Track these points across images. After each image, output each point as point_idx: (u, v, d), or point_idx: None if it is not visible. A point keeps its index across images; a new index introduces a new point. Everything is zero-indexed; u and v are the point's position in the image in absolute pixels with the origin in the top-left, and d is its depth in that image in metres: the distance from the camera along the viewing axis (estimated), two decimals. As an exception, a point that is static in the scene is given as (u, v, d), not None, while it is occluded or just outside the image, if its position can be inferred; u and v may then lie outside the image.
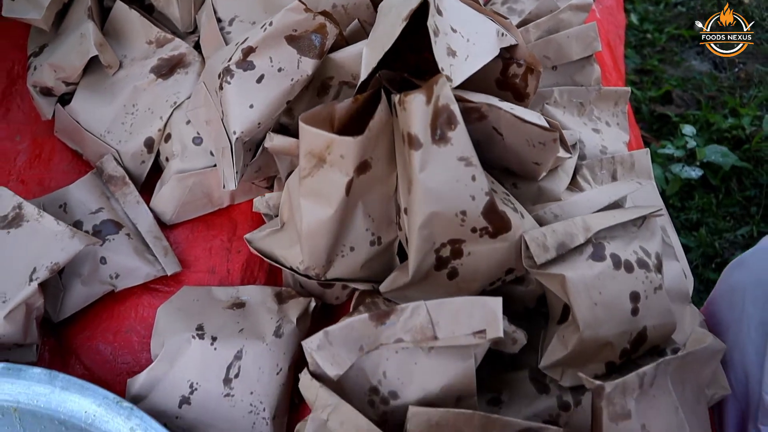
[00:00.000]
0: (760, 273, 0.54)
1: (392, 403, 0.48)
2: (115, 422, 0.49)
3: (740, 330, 0.56)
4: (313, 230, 0.48)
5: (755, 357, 0.55)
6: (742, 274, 0.57)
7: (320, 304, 0.57)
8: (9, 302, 0.53)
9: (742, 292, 0.56)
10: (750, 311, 0.55)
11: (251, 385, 0.52)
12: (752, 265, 0.56)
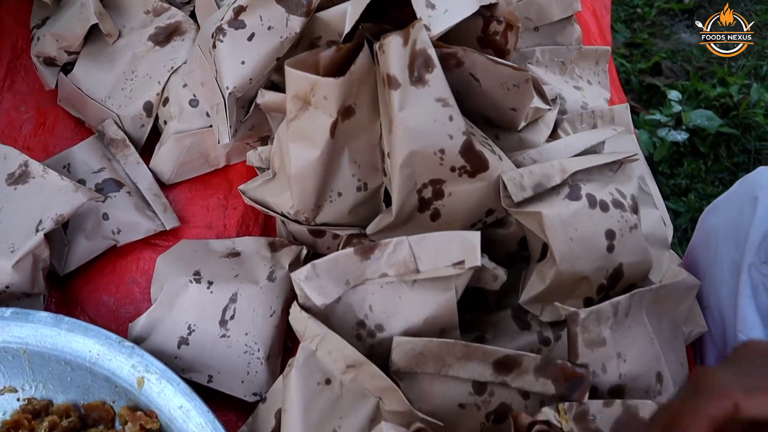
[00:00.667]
0: (732, 215, 0.56)
1: (378, 336, 0.50)
2: (118, 360, 0.52)
3: (715, 272, 0.58)
4: (301, 172, 0.51)
5: (729, 298, 0.57)
6: (715, 218, 0.59)
7: (311, 252, 0.59)
8: (17, 252, 0.56)
9: (716, 236, 0.58)
10: (723, 253, 0.57)
11: (246, 327, 0.54)
12: (724, 209, 0.58)
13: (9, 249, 0.56)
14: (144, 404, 0.52)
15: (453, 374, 0.49)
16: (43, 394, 0.55)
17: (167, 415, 0.51)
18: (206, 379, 0.53)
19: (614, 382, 0.49)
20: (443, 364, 0.48)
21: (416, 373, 0.49)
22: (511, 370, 0.48)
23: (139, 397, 0.52)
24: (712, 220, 0.59)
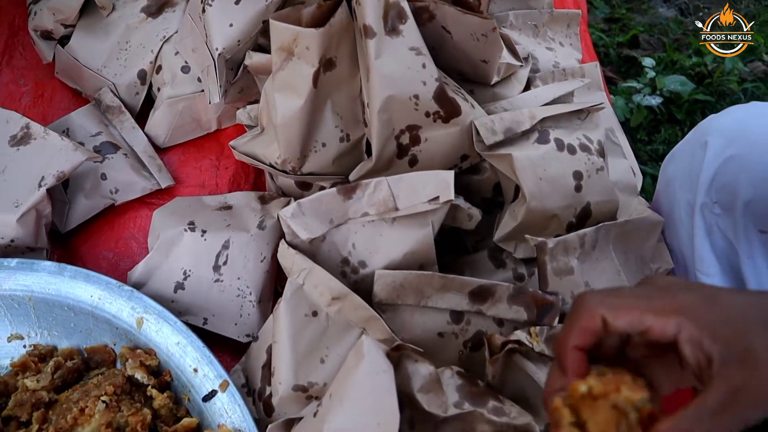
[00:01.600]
0: (686, 161, 0.59)
1: (362, 272, 0.53)
2: (118, 303, 0.56)
3: (674, 216, 0.61)
4: (287, 121, 0.54)
5: (688, 239, 0.60)
6: (672, 166, 0.62)
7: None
8: (21, 207, 0.59)
9: (674, 182, 0.61)
10: (680, 197, 0.60)
11: (238, 272, 0.58)
12: (680, 156, 0.61)
13: (14, 204, 0.60)
14: (143, 343, 0.55)
15: (432, 305, 0.52)
16: (48, 341, 0.58)
17: (165, 351, 0.54)
18: (202, 321, 0.57)
19: (582, 308, 0.52)
20: (422, 295, 0.52)
21: (397, 305, 0.52)
22: (486, 299, 0.52)
23: (138, 337, 0.55)
24: (670, 167, 0.62)
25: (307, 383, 0.50)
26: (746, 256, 0.55)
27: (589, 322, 0.35)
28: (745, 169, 0.55)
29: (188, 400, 0.54)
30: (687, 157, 0.59)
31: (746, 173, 0.55)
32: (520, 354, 0.49)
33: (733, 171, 0.55)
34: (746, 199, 0.54)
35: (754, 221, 0.54)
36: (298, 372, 0.50)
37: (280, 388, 0.50)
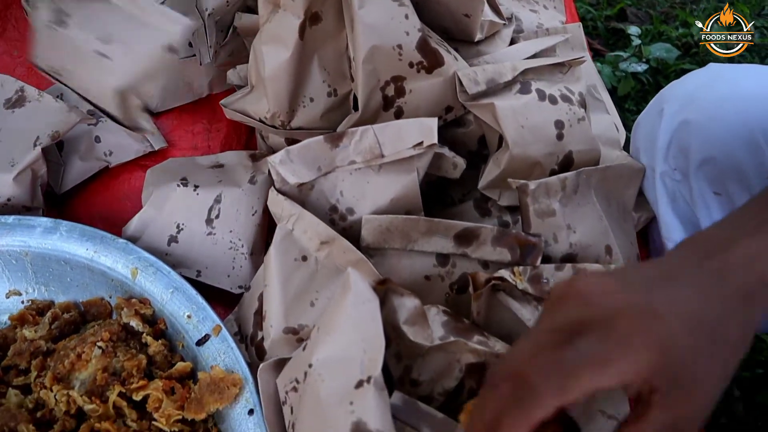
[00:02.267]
0: (647, 129, 0.60)
1: (349, 219, 0.55)
2: (113, 256, 0.57)
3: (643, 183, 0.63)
4: (275, 73, 0.55)
5: (654, 206, 0.62)
6: (637, 133, 0.63)
7: (289, 161, 0.64)
8: (17, 166, 0.60)
9: (639, 150, 0.62)
10: (645, 162, 0.61)
11: (230, 225, 0.59)
12: (643, 124, 0.62)
13: (9, 164, 0.61)
14: (138, 293, 0.56)
15: (418, 248, 0.53)
16: (45, 296, 0.60)
17: (159, 300, 0.55)
18: (195, 273, 0.58)
19: (565, 251, 0.54)
20: (409, 239, 0.53)
21: (384, 249, 0.53)
22: (470, 242, 0.53)
23: (133, 288, 0.56)
24: (636, 135, 0.63)
25: (298, 326, 0.52)
26: (705, 220, 0.56)
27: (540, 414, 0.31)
28: (695, 133, 0.56)
29: (182, 346, 0.55)
30: (648, 125, 0.60)
31: (696, 137, 0.55)
32: (504, 292, 0.51)
33: (685, 136, 0.56)
34: (698, 162, 0.55)
35: (708, 184, 0.55)
36: (289, 315, 0.52)
37: (272, 331, 0.52)
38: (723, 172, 0.54)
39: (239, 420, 0.50)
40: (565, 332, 0.33)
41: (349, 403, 0.42)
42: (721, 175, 0.54)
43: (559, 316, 0.34)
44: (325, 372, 0.44)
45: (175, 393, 0.51)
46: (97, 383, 0.51)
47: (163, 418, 0.50)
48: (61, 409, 0.51)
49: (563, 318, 0.34)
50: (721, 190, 0.54)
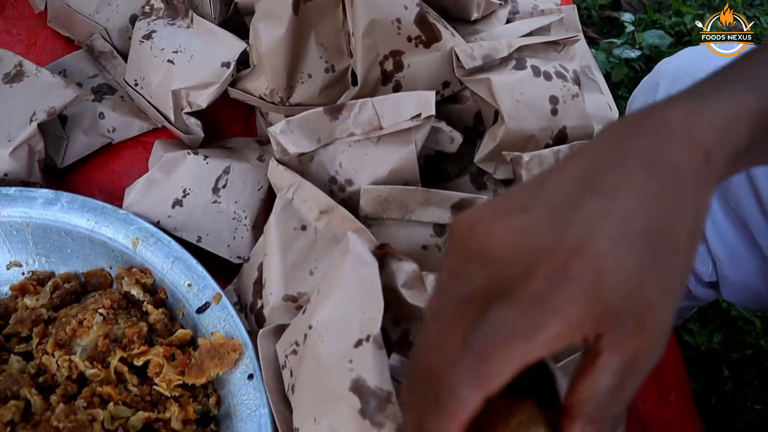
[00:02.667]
0: (641, 102, 0.62)
1: (348, 190, 0.56)
2: (114, 226, 0.58)
3: None
4: (271, 49, 0.56)
5: None
6: (632, 108, 0.65)
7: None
8: (13, 141, 0.61)
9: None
10: None
11: (236, 196, 0.60)
12: (637, 98, 0.64)
13: (6, 139, 0.61)
14: (138, 263, 0.57)
15: (415, 219, 0.54)
16: (46, 267, 0.60)
17: (160, 269, 0.56)
18: (196, 238, 0.59)
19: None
20: (406, 209, 0.54)
21: (383, 219, 0.54)
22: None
23: (134, 258, 0.57)
24: (631, 109, 0.65)
25: (297, 293, 0.53)
26: None
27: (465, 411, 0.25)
28: None
29: (182, 315, 0.56)
30: (643, 99, 0.62)
31: None
32: (500, 260, 0.52)
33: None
34: None
35: None
36: (288, 283, 0.53)
37: (271, 298, 0.53)
38: None
39: (239, 385, 0.51)
40: (473, 304, 0.26)
41: (349, 361, 0.43)
42: None
43: (460, 285, 0.27)
44: (324, 333, 0.45)
45: (175, 359, 0.52)
46: (98, 349, 0.52)
47: (164, 382, 0.51)
48: (63, 374, 0.51)
49: (466, 286, 0.27)
50: None
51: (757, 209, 0.55)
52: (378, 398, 0.42)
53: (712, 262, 0.61)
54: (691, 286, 0.66)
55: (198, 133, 0.63)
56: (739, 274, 0.60)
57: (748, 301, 0.63)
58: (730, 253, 0.59)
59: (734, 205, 0.56)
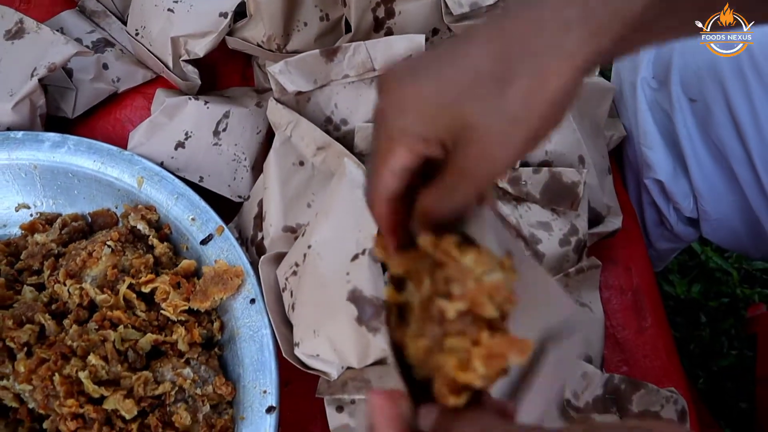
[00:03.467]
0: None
1: (343, 129, 0.59)
2: (119, 167, 0.60)
3: (622, 98, 0.68)
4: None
5: (633, 117, 0.66)
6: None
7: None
8: (15, 96, 0.63)
9: (622, 69, 0.67)
10: (624, 77, 0.66)
11: (236, 139, 0.62)
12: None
13: (8, 94, 0.64)
14: (144, 201, 0.60)
15: (407, 155, 0.57)
16: (53, 209, 0.63)
17: (164, 206, 0.59)
18: (198, 178, 0.62)
19: (542, 158, 0.59)
20: (398, 146, 0.57)
21: (376, 155, 0.57)
22: (455, 148, 0.57)
23: (139, 196, 0.60)
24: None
25: (296, 224, 0.56)
26: (681, 125, 0.61)
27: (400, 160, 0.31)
28: (677, 44, 0.60)
29: (186, 248, 0.59)
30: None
31: (678, 47, 0.60)
32: (486, 191, 0.55)
33: (668, 47, 0.61)
34: (677, 68, 0.60)
35: (684, 90, 0.60)
36: (287, 214, 0.56)
37: (271, 230, 0.56)
38: (701, 80, 0.59)
39: (241, 309, 0.54)
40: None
41: (346, 273, 0.46)
42: (698, 82, 0.59)
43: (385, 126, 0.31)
44: (323, 250, 0.49)
45: (180, 287, 0.55)
46: (107, 278, 0.55)
47: (171, 307, 0.54)
48: (75, 301, 0.54)
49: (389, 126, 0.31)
50: (697, 96, 0.59)
51: (738, 143, 0.59)
52: (373, 306, 0.45)
53: (694, 198, 0.65)
54: (672, 222, 0.69)
55: (195, 80, 0.66)
56: (719, 211, 0.63)
57: (727, 240, 0.67)
58: (711, 189, 0.62)
59: (716, 140, 0.60)
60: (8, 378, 0.51)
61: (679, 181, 0.65)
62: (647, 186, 0.68)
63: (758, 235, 0.62)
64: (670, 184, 0.65)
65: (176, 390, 0.51)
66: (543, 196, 0.56)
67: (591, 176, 0.61)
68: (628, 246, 0.66)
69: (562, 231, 0.56)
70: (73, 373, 0.49)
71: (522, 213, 0.56)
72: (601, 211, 0.62)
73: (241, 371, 0.53)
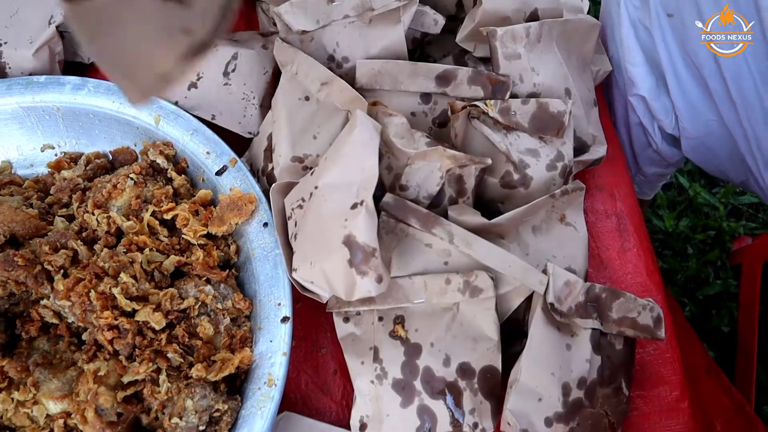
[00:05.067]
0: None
1: (345, 66, 0.63)
2: (137, 107, 0.65)
3: (610, 24, 0.71)
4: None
5: (618, 37, 0.70)
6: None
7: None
8: (35, 43, 0.68)
9: None
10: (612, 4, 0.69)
11: (244, 79, 0.66)
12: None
13: (28, 41, 0.68)
14: (161, 138, 0.64)
15: (404, 89, 0.62)
16: (76, 149, 0.68)
17: (180, 142, 0.64)
18: (210, 116, 0.66)
19: (530, 90, 0.63)
20: (396, 80, 0.61)
21: (376, 90, 0.62)
22: (449, 81, 0.61)
23: (156, 133, 0.64)
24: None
25: (303, 155, 0.60)
26: (659, 40, 0.65)
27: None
28: None
29: (203, 180, 0.63)
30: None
31: None
32: (478, 120, 0.60)
33: None
34: None
35: (663, 5, 0.63)
36: (295, 146, 0.60)
37: (281, 160, 0.60)
38: None
39: (255, 232, 0.60)
40: None
41: (344, 219, 0.50)
42: None
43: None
44: (327, 193, 0.53)
45: (198, 214, 0.60)
46: (131, 208, 0.60)
47: (191, 232, 0.59)
48: (103, 228, 0.59)
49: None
50: (674, 11, 0.62)
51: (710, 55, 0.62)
52: (364, 252, 0.50)
53: (675, 117, 0.69)
54: (657, 140, 0.74)
55: None
56: (697, 129, 0.67)
57: (706, 160, 0.71)
58: (690, 106, 0.66)
59: (692, 54, 0.63)
60: (48, 298, 0.57)
61: (661, 97, 0.69)
62: (632, 104, 0.72)
63: (735, 157, 0.66)
64: (652, 99, 0.69)
65: (199, 305, 0.56)
66: (531, 125, 0.61)
67: (577, 107, 0.65)
68: (613, 174, 0.71)
69: (549, 157, 0.61)
70: (107, 290, 0.54)
71: (512, 141, 0.61)
72: (587, 141, 0.66)
73: (257, 287, 0.58)
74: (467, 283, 0.54)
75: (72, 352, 0.57)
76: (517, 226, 0.59)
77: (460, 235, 0.54)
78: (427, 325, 0.55)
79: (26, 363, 0.55)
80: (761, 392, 1.04)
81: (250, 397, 0.54)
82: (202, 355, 0.55)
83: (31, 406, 0.54)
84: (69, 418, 0.54)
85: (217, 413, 0.52)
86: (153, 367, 0.53)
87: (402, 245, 0.55)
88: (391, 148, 0.56)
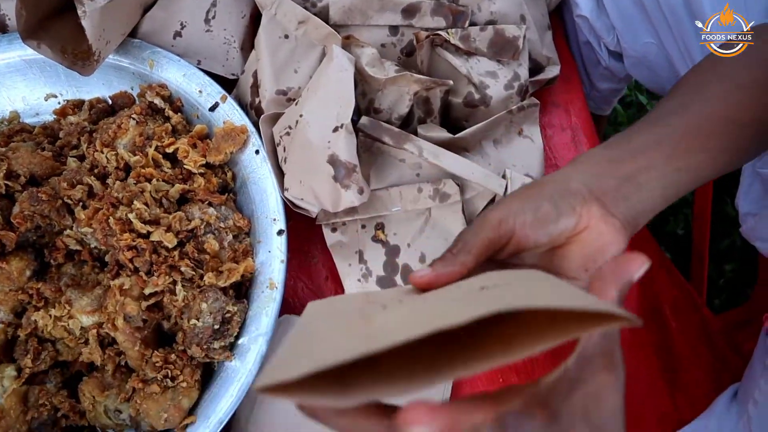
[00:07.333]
0: None
1: (319, 5, 0.69)
2: (131, 53, 0.71)
3: None
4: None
5: None
6: None
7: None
8: None
9: None
10: None
11: (224, 24, 0.72)
12: None
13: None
14: (156, 80, 0.71)
15: (374, 23, 0.68)
16: (77, 96, 0.74)
17: (174, 83, 0.70)
18: (196, 62, 0.72)
19: (487, 18, 0.69)
20: (366, 16, 0.68)
21: (348, 26, 0.68)
22: (414, 14, 0.68)
23: (151, 76, 0.71)
24: None
25: (286, 88, 0.67)
26: None
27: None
28: None
29: (197, 117, 0.70)
30: None
31: None
32: (441, 47, 0.66)
33: None
34: None
35: None
36: (278, 80, 0.67)
37: (266, 93, 0.67)
38: None
39: (249, 160, 0.67)
40: None
41: (327, 141, 0.58)
42: None
43: None
44: (311, 120, 0.60)
45: (197, 147, 0.67)
46: (136, 144, 0.67)
47: (191, 162, 0.66)
48: (113, 165, 0.67)
49: None
50: None
51: None
52: (346, 168, 0.57)
53: (616, 35, 0.75)
54: (603, 57, 0.80)
55: None
56: (636, 48, 0.73)
57: (648, 78, 0.78)
58: (628, 25, 0.72)
59: None
60: (71, 228, 0.64)
61: (602, 17, 0.74)
62: (578, 24, 0.78)
63: (672, 74, 0.73)
64: (593, 19, 0.75)
65: (204, 225, 0.64)
66: (489, 50, 0.68)
67: (531, 32, 0.72)
68: (568, 92, 0.78)
69: (507, 78, 0.68)
70: (124, 216, 0.62)
71: (473, 65, 0.68)
72: (542, 62, 0.74)
73: (253, 207, 0.66)
74: (437, 191, 0.62)
75: (96, 273, 0.65)
76: (480, 140, 0.67)
77: (428, 149, 0.62)
78: (404, 228, 0.63)
79: (58, 285, 0.63)
80: (713, 288, 1.14)
81: (255, 299, 0.62)
82: (211, 267, 0.63)
83: (67, 320, 0.62)
84: (100, 329, 0.62)
85: (229, 314, 0.61)
86: (169, 279, 0.61)
87: (378, 161, 0.63)
88: (365, 77, 0.63)
